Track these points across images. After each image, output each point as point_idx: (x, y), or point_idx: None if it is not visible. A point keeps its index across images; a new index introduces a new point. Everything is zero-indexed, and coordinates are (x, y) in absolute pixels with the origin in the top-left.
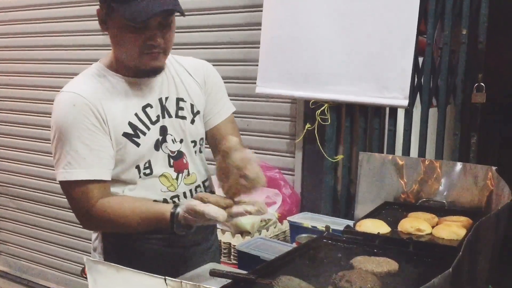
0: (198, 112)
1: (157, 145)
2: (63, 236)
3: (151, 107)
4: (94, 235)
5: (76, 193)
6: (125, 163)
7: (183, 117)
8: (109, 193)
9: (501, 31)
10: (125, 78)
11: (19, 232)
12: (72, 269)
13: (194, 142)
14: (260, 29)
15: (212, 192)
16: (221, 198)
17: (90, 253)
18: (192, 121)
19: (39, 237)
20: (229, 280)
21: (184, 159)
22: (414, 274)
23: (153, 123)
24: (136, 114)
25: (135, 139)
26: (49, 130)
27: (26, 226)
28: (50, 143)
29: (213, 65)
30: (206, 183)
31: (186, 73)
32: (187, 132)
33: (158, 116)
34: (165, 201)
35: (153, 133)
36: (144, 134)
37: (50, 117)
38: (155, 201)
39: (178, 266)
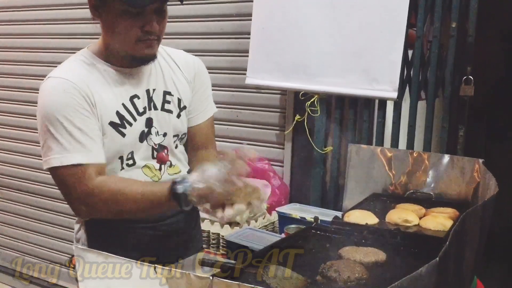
0: (184, 107)
1: (142, 137)
2: (50, 226)
3: (139, 98)
4: (76, 226)
5: (72, 177)
6: (109, 152)
7: (169, 111)
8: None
9: (490, 25)
10: (114, 67)
11: (6, 222)
12: (60, 259)
13: (176, 136)
14: (250, 20)
15: None
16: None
17: None
18: (178, 116)
19: (26, 227)
20: (218, 270)
21: (164, 152)
22: (401, 264)
23: (140, 114)
24: (123, 104)
25: (121, 129)
26: (36, 119)
27: (13, 216)
28: (35, 132)
29: (203, 55)
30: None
31: (176, 67)
32: (171, 126)
33: (145, 108)
34: None
35: (139, 125)
36: (130, 125)
37: (36, 106)
38: None
39: (165, 254)
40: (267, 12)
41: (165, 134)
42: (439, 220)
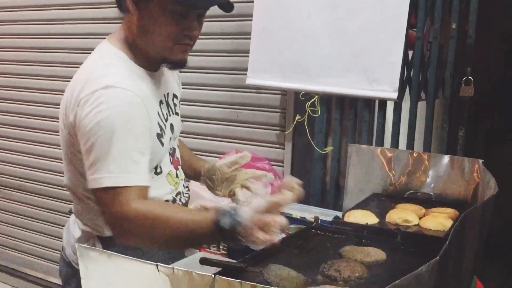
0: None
1: (169, 143)
2: (50, 225)
3: (162, 103)
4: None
5: (119, 198)
6: (151, 164)
7: (178, 114)
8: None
9: (490, 26)
10: (145, 71)
11: (5, 221)
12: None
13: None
14: (251, 20)
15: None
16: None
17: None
18: (180, 118)
19: (26, 227)
20: (219, 269)
21: (176, 155)
22: (401, 263)
23: (166, 120)
24: (158, 112)
25: (161, 139)
26: (36, 119)
27: (12, 215)
28: (37, 132)
29: (204, 55)
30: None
31: None
32: (179, 129)
33: (167, 113)
34: (173, 200)
35: (168, 131)
36: (165, 132)
37: (41, 106)
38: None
39: (155, 259)
40: (268, 13)
41: (176, 137)
42: (439, 220)
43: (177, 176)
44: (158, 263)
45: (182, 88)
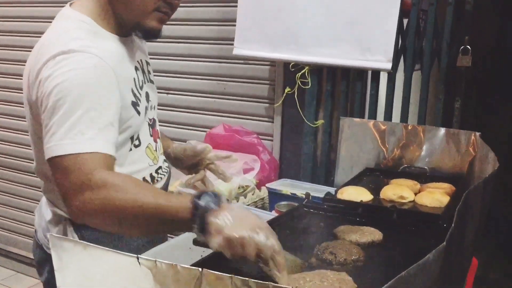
0: None
1: (145, 113)
2: (32, 202)
3: (138, 69)
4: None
5: (79, 166)
6: (125, 134)
7: (153, 81)
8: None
9: None
10: (115, 36)
11: None
12: None
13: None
14: None
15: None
16: None
17: None
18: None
19: (12, 205)
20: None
21: (156, 127)
22: (398, 243)
23: (141, 88)
24: (134, 79)
25: (137, 107)
26: (18, 93)
27: (5, 195)
28: (19, 106)
29: (189, 24)
30: None
31: None
32: (157, 98)
33: (143, 81)
34: (152, 177)
35: (143, 100)
36: (140, 101)
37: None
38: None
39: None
40: None
41: (154, 107)
42: (436, 196)
43: (156, 150)
44: (139, 255)
45: (167, 59)
